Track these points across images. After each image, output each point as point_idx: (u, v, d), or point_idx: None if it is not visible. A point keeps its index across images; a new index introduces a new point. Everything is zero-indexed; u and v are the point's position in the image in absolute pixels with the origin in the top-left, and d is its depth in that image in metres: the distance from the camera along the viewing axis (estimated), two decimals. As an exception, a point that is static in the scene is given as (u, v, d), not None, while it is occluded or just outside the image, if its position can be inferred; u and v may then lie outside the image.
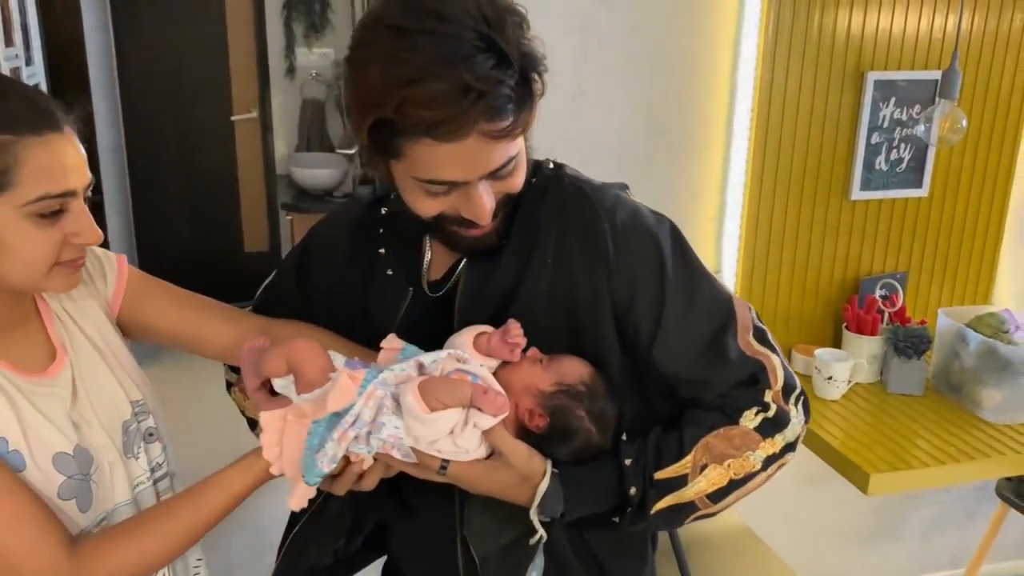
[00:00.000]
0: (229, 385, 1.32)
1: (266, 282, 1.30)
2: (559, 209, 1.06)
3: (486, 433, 0.96)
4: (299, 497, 0.97)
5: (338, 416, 0.94)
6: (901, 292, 2.30)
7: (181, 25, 4.70)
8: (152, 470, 1.12)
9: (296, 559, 1.18)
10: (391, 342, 1.04)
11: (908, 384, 2.13)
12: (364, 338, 1.13)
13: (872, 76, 2.16)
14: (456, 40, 0.86)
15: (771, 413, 1.04)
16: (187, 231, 5.02)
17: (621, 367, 1.06)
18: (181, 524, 1.01)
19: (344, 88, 0.98)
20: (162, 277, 1.26)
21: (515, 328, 1.00)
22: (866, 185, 2.25)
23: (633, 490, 1.00)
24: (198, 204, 5.00)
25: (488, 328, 1.02)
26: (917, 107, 2.21)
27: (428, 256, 1.13)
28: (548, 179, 1.08)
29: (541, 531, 0.99)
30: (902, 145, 2.24)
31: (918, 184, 2.29)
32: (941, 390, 2.15)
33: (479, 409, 0.93)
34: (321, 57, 4.81)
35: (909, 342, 2.13)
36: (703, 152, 2.22)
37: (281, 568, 1.19)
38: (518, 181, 0.99)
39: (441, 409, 0.92)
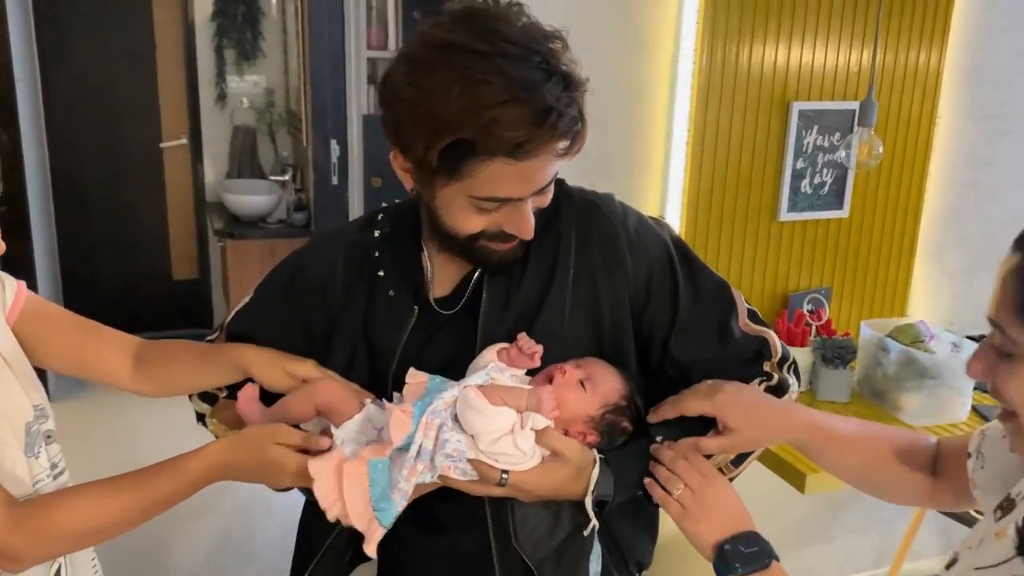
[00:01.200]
0: (200, 416, 1.29)
1: (239, 307, 1.27)
2: (577, 222, 1.13)
3: (539, 435, 1.00)
4: (375, 541, 0.97)
5: (400, 451, 0.96)
6: (827, 306, 2.46)
7: (109, 52, 4.68)
8: (52, 467, 1.14)
9: None
10: (415, 376, 1.06)
11: (836, 391, 2.28)
12: (366, 360, 1.15)
13: (796, 106, 2.32)
14: (528, 64, 0.92)
15: (774, 382, 1.16)
16: (113, 258, 4.96)
17: (637, 362, 1.15)
18: (125, 497, 1.03)
19: (397, 110, 0.98)
20: (87, 306, 1.30)
21: (525, 340, 1.06)
22: (792, 207, 2.41)
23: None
24: (125, 231, 4.95)
25: (504, 344, 1.08)
26: (838, 134, 2.38)
27: (429, 274, 1.15)
28: (557, 193, 1.12)
29: (594, 520, 1.06)
30: (824, 170, 2.41)
31: (839, 206, 2.46)
32: (866, 396, 2.31)
33: (534, 411, 0.99)
34: (252, 84, 4.83)
35: (836, 353, 2.28)
36: (643, 178, 2.35)
37: None
38: (550, 197, 1.07)
39: (501, 404, 0.97)
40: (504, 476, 0.99)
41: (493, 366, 1.04)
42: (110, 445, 3.81)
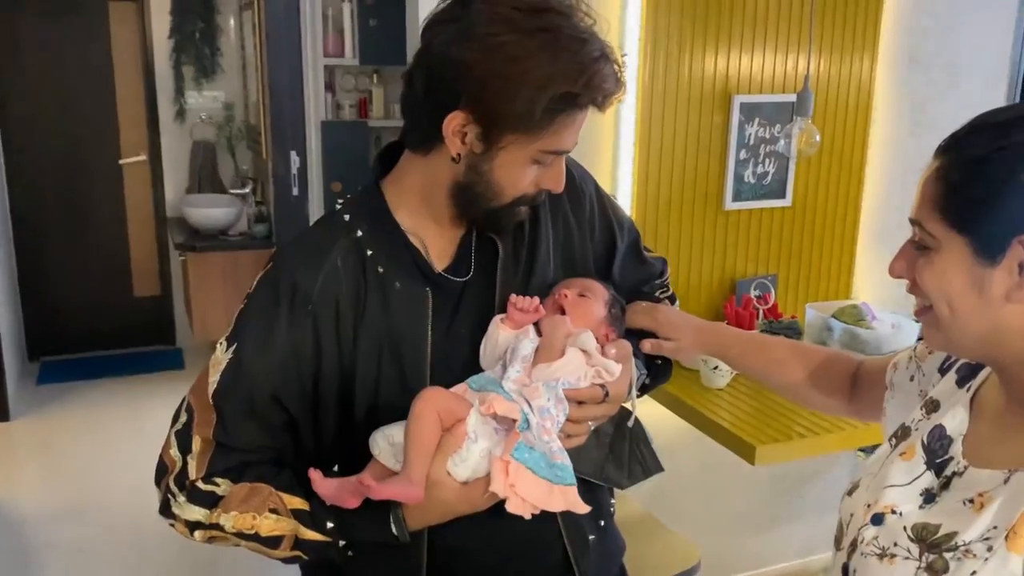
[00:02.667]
0: (167, 506, 1.13)
1: (223, 367, 1.11)
2: None
3: (613, 348, 1.16)
4: (576, 498, 1.03)
5: (525, 426, 1.02)
6: (773, 291, 2.56)
7: (67, 70, 4.70)
8: None
9: None
10: (461, 389, 1.09)
11: (784, 371, 2.37)
12: (392, 362, 1.12)
13: (738, 99, 2.43)
14: (593, 29, 1.06)
15: (670, 292, 1.44)
16: (74, 276, 4.95)
17: None
18: None
19: (482, 70, 1.01)
20: (48, 324, 1.29)
21: (520, 300, 1.13)
22: (737, 197, 2.50)
23: (660, 361, 1.34)
24: (85, 248, 4.95)
25: (501, 314, 1.14)
26: (778, 126, 2.49)
27: (424, 252, 1.15)
28: None
29: (633, 399, 1.21)
30: (767, 160, 2.52)
31: (783, 195, 2.56)
32: (813, 376, 2.40)
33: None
34: (211, 100, 4.87)
35: (783, 334, 2.37)
36: (593, 171, 2.42)
37: None
38: None
39: (560, 354, 1.10)
40: (605, 391, 1.11)
41: (521, 342, 1.10)
42: (67, 462, 3.81)
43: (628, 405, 1.21)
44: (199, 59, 4.74)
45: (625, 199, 2.43)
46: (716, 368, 2.31)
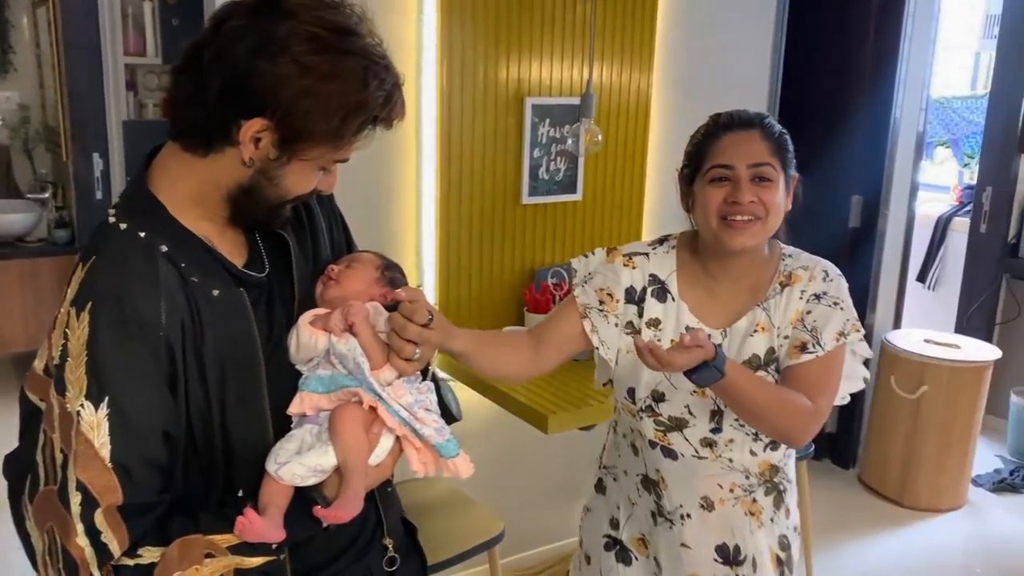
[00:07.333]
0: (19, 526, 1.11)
1: (108, 419, 1.03)
2: None
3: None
4: (466, 463, 1.23)
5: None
6: (567, 279, 2.78)
7: None
8: None
9: None
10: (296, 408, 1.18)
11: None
12: (235, 369, 1.12)
13: (530, 101, 2.62)
14: None
15: None
16: None
17: None
18: None
19: (318, 88, 1.05)
20: None
21: (334, 312, 1.20)
22: (533, 192, 2.70)
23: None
24: None
25: (311, 315, 1.21)
26: (567, 126, 2.71)
27: (222, 253, 1.15)
28: None
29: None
30: (559, 158, 2.73)
31: (574, 190, 2.79)
32: (604, 354, 2.63)
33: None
34: (4, 100, 4.62)
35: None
36: (398, 169, 2.56)
37: None
38: None
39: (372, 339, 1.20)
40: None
41: (353, 351, 1.17)
42: None
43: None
44: (-11, 58, 4.49)
45: (429, 196, 2.57)
46: (516, 350, 2.49)
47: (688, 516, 1.60)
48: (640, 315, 1.57)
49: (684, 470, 1.58)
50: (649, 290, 1.58)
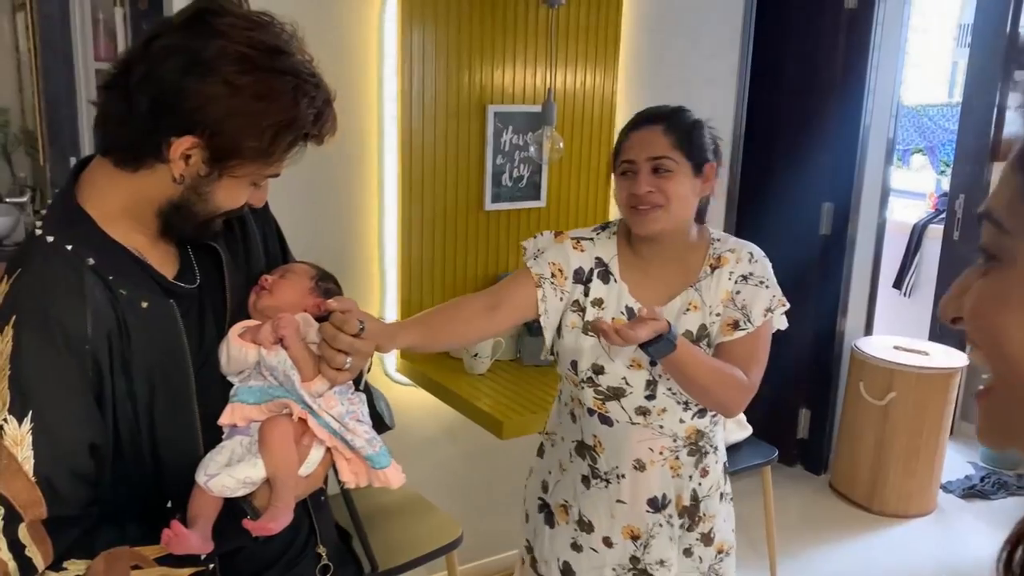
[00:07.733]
0: None
1: (31, 433, 1.03)
2: None
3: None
4: (398, 473, 1.23)
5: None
6: (531, 285, 2.79)
7: None
8: None
9: None
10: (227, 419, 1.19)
11: (538, 356, 2.61)
12: (164, 382, 1.13)
13: (492, 108, 2.65)
14: None
15: None
16: None
17: None
18: None
19: (248, 108, 1.07)
20: None
21: (261, 324, 1.21)
22: (496, 199, 2.73)
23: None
24: None
25: (239, 328, 1.22)
26: (530, 134, 2.73)
27: (152, 264, 1.16)
28: None
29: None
30: (521, 165, 2.75)
31: (537, 196, 2.81)
32: (565, 360, 2.65)
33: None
34: (-18, 103, 4.63)
35: (537, 323, 2.60)
36: (360, 176, 2.58)
37: None
38: None
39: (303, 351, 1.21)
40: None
41: (284, 363, 1.19)
42: None
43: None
44: (-33, 61, 4.50)
45: (392, 202, 2.59)
46: (476, 355, 2.51)
47: (623, 476, 1.75)
48: (586, 295, 1.71)
49: (619, 435, 1.73)
50: (595, 272, 1.72)
